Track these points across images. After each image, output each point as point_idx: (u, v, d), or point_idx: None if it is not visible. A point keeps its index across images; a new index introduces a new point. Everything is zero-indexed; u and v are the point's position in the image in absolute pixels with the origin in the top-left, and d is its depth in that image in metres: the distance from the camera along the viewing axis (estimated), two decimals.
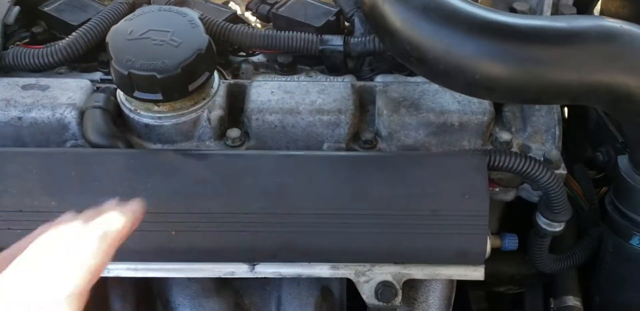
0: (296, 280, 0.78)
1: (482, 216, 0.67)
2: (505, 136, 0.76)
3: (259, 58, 0.88)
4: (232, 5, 0.97)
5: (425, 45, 0.63)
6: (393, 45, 0.67)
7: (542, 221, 0.76)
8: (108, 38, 0.73)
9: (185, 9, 0.76)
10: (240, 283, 0.81)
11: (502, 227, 0.90)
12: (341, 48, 0.81)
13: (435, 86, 0.77)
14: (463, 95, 0.75)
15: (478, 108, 0.74)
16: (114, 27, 0.74)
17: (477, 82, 0.62)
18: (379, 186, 0.68)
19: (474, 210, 0.67)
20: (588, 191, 0.86)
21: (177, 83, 0.70)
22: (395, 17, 0.65)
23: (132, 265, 0.70)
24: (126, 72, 0.69)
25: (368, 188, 0.68)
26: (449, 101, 0.75)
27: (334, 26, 0.86)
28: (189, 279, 0.77)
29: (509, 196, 0.79)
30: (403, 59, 0.67)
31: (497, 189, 0.77)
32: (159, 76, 0.68)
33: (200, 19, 0.75)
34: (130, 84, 0.70)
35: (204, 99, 0.76)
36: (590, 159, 0.88)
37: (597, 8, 0.96)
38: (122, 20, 0.75)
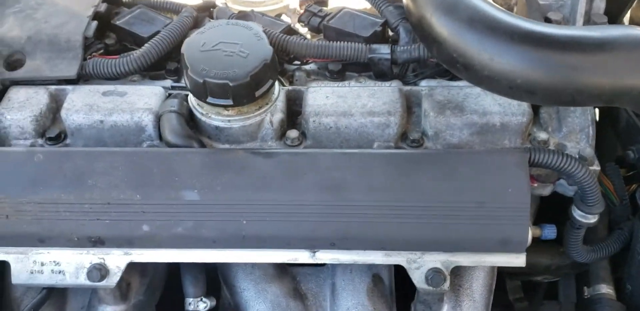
0: (349, 268, 0.85)
1: (524, 208, 0.74)
2: (542, 135, 0.82)
3: (310, 66, 0.96)
4: (284, 17, 1.05)
5: (471, 53, 0.70)
6: (440, 53, 0.74)
7: (577, 214, 0.82)
8: (183, 49, 0.81)
9: (250, 23, 0.84)
10: (297, 270, 0.88)
11: (538, 220, 0.96)
12: (388, 56, 0.88)
13: (477, 90, 0.84)
14: (503, 98, 0.82)
15: (517, 110, 0.81)
16: (187, 40, 0.83)
17: (518, 87, 0.69)
18: (428, 181, 0.75)
19: (516, 202, 0.74)
20: (619, 188, 0.92)
21: (246, 90, 0.79)
22: (443, 28, 0.72)
23: (206, 252, 0.78)
24: (201, 80, 0.77)
25: (419, 182, 0.75)
26: (491, 104, 0.82)
27: (380, 36, 0.94)
28: (253, 265, 0.85)
29: (546, 191, 0.85)
30: (449, 65, 0.74)
31: (535, 185, 0.83)
32: (231, 84, 0.77)
33: (264, 32, 0.83)
34: (204, 91, 0.79)
35: (267, 103, 0.84)
36: (621, 157, 0.94)
37: (627, 16, 1.02)
38: (194, 33, 0.84)
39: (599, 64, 0.67)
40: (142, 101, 0.86)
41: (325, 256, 0.77)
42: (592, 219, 0.82)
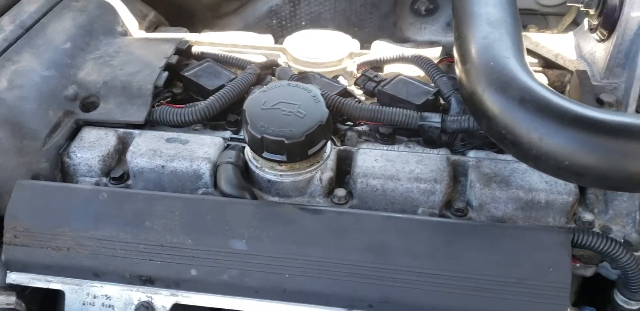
0: None
1: (564, 288, 0.74)
2: (588, 216, 0.83)
3: (362, 127, 1.01)
4: (341, 79, 1.11)
5: (520, 132, 0.72)
6: (489, 128, 0.77)
7: (619, 299, 0.81)
8: (245, 106, 0.87)
9: (310, 86, 0.90)
10: None
11: (578, 301, 0.95)
12: (439, 125, 0.92)
13: (524, 166, 0.86)
14: (550, 176, 0.83)
15: (564, 189, 0.82)
16: (250, 97, 0.89)
17: (566, 168, 0.70)
18: (472, 252, 0.76)
19: (557, 282, 0.74)
20: None
21: (300, 148, 0.83)
22: (494, 105, 0.76)
23: (248, 301, 0.80)
24: (259, 136, 0.82)
25: (462, 252, 0.76)
26: (537, 180, 0.84)
27: (431, 104, 0.98)
28: None
29: (589, 272, 0.85)
30: (498, 141, 0.77)
31: (577, 265, 0.83)
32: (286, 142, 0.81)
33: (321, 94, 0.89)
34: (261, 146, 0.84)
35: (318, 161, 0.88)
36: None
37: None
38: (257, 92, 0.90)
39: None
40: (202, 150, 0.91)
41: None
42: (635, 305, 0.81)
